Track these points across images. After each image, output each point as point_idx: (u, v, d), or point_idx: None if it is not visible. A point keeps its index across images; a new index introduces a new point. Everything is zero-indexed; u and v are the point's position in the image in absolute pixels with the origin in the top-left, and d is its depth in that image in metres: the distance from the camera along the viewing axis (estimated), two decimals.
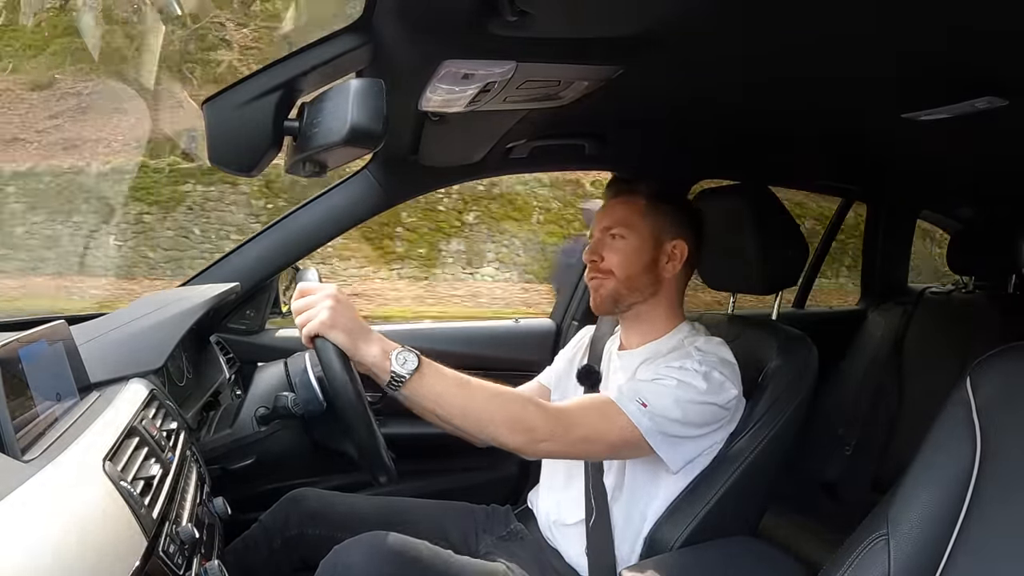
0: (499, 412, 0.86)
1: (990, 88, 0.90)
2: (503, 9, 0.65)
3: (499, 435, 0.86)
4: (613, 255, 1.04)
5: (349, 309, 0.85)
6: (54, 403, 0.73)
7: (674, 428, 0.92)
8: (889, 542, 0.64)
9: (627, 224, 1.05)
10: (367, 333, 0.85)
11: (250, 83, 0.74)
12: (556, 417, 0.89)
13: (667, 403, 0.91)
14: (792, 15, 0.72)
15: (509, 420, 0.86)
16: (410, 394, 0.84)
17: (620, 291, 1.04)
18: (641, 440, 0.91)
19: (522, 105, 0.97)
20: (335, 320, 0.82)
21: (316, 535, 1.07)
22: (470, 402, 0.86)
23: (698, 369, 0.95)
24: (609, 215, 1.07)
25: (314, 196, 1.34)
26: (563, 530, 1.07)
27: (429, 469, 1.44)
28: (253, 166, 0.77)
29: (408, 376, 0.83)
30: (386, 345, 0.85)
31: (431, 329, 1.80)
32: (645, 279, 1.05)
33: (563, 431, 0.89)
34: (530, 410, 0.88)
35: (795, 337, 1.10)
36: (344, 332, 0.83)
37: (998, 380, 0.65)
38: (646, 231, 1.04)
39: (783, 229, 1.21)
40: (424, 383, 0.84)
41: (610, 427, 0.91)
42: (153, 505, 0.67)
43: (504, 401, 0.88)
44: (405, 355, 0.84)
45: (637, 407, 0.91)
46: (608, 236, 1.06)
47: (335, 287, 0.86)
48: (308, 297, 0.85)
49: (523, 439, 0.87)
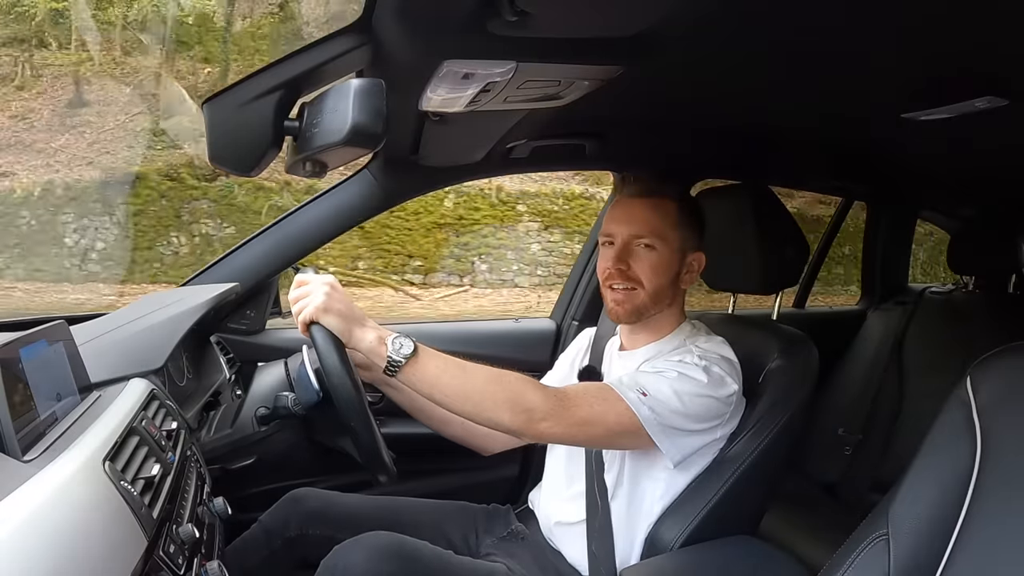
0: (499, 392, 0.86)
1: (990, 88, 0.90)
2: (503, 9, 0.65)
3: (498, 415, 0.86)
4: (644, 266, 1.01)
5: (344, 296, 0.85)
6: (54, 403, 0.73)
7: (673, 419, 0.92)
8: (889, 542, 0.64)
9: (660, 235, 1.01)
10: (362, 319, 0.85)
11: (250, 83, 0.74)
12: (555, 397, 0.88)
13: (667, 393, 0.91)
14: (792, 15, 0.73)
15: (508, 400, 0.86)
16: (407, 379, 0.84)
17: (647, 303, 1.02)
18: (640, 428, 0.90)
19: (522, 105, 0.97)
20: (329, 304, 0.82)
21: (316, 535, 1.06)
22: (468, 384, 0.86)
23: (698, 363, 0.94)
24: (639, 221, 1.01)
25: (314, 196, 1.34)
26: (564, 530, 1.07)
27: (429, 469, 1.44)
28: (253, 166, 0.78)
29: (404, 360, 0.83)
30: (381, 331, 0.85)
31: (431, 329, 1.80)
32: (668, 291, 1.03)
33: (562, 411, 0.88)
34: (529, 390, 0.87)
35: (795, 337, 1.10)
36: (339, 316, 0.83)
37: (998, 380, 0.65)
38: (676, 244, 1.02)
39: (783, 229, 1.21)
40: (420, 367, 0.84)
41: (608, 410, 0.90)
42: (153, 505, 0.67)
43: (503, 382, 0.87)
44: (401, 340, 0.84)
45: (637, 395, 0.90)
46: (638, 245, 1.01)
47: (331, 277, 0.87)
48: (304, 287, 0.86)
49: (522, 419, 0.86)
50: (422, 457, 1.36)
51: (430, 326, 1.90)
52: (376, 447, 0.90)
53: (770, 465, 1.01)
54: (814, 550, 1.34)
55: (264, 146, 0.76)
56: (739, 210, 1.21)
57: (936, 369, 1.80)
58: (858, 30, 0.76)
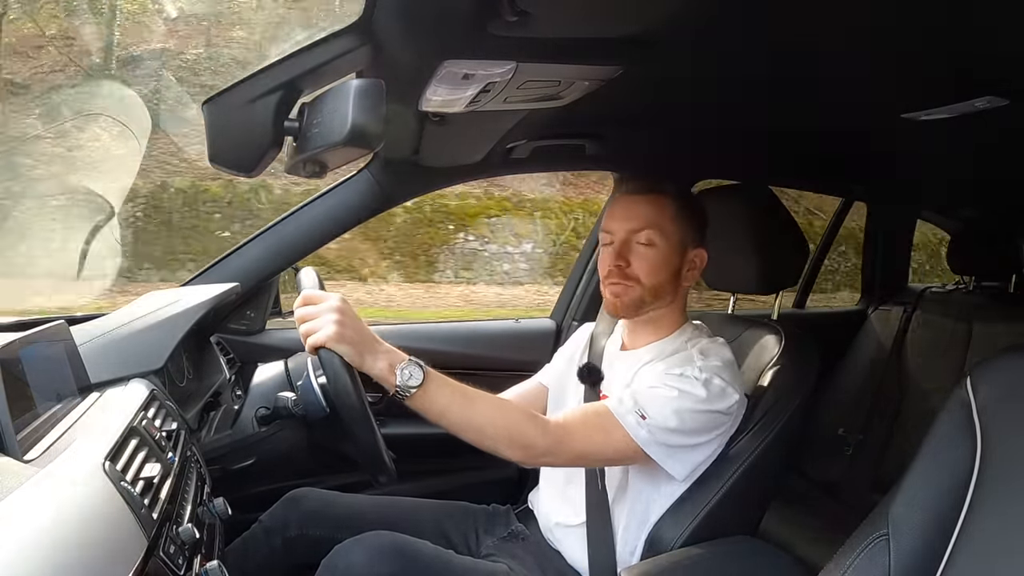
0: (502, 429, 0.88)
1: (990, 88, 0.90)
2: (503, 9, 0.65)
3: (499, 449, 0.88)
4: (642, 263, 1.01)
5: (355, 320, 0.84)
6: (55, 403, 0.73)
7: (672, 438, 0.93)
8: (889, 542, 0.64)
9: (659, 229, 1.01)
10: (373, 345, 0.84)
11: (250, 83, 0.74)
12: (555, 433, 0.90)
13: (666, 414, 0.92)
14: (791, 15, 0.73)
15: (510, 437, 0.88)
16: (414, 406, 0.85)
17: (644, 299, 1.02)
18: (639, 451, 0.92)
19: (522, 105, 0.97)
20: (341, 334, 0.82)
21: (316, 535, 1.06)
22: (473, 418, 0.87)
23: (698, 376, 0.94)
24: (636, 216, 1.01)
25: (314, 196, 1.34)
26: (564, 531, 1.07)
27: (429, 469, 1.44)
28: (253, 166, 0.78)
29: (412, 391, 0.83)
30: (392, 358, 0.84)
31: (432, 329, 1.80)
32: (668, 287, 1.03)
33: (561, 447, 0.90)
34: (531, 427, 0.89)
35: (795, 337, 1.10)
36: (350, 345, 0.83)
37: (998, 380, 0.65)
38: (675, 239, 1.02)
39: (783, 229, 1.21)
40: (429, 399, 0.85)
41: (608, 441, 0.92)
42: (153, 506, 0.67)
43: (507, 418, 0.89)
44: (411, 369, 0.84)
45: (636, 419, 0.91)
46: (636, 241, 1.01)
47: (339, 297, 0.85)
48: (312, 307, 0.84)
49: (522, 454, 0.90)
50: (422, 457, 1.36)
51: (431, 326, 1.90)
52: (377, 449, 0.90)
53: (770, 465, 1.01)
54: (814, 550, 1.34)
55: (264, 146, 0.76)
56: (739, 210, 1.21)
57: (936, 369, 1.81)
58: (858, 30, 0.76)
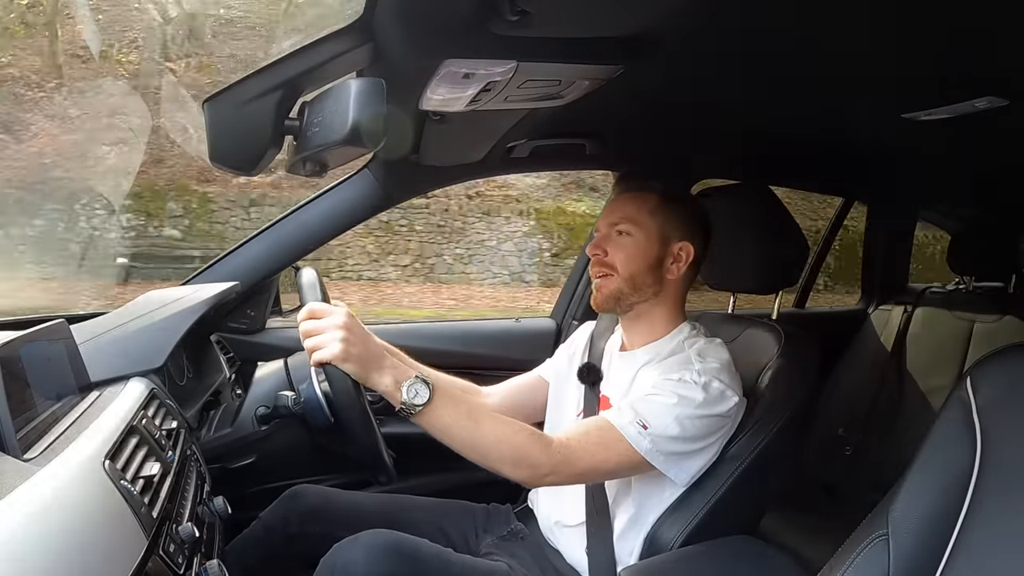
0: (505, 450, 0.88)
1: (990, 88, 0.90)
2: (503, 9, 0.65)
3: (503, 469, 0.88)
4: (618, 251, 1.03)
5: (362, 335, 0.84)
6: (54, 402, 0.73)
7: (674, 446, 0.93)
8: (889, 542, 0.64)
9: (634, 221, 1.03)
10: (379, 361, 0.84)
11: (251, 82, 0.74)
12: (559, 453, 0.90)
13: (667, 422, 0.92)
14: (791, 15, 0.73)
15: (513, 457, 0.88)
16: (419, 423, 0.85)
17: (623, 290, 1.03)
18: (643, 462, 0.92)
19: (523, 105, 0.97)
20: (348, 352, 0.82)
21: (316, 533, 1.06)
22: (477, 438, 0.87)
23: (697, 380, 0.94)
24: (617, 210, 1.05)
25: (314, 196, 1.34)
26: (564, 530, 1.07)
27: (429, 468, 1.43)
28: (253, 165, 0.78)
29: (419, 408, 0.83)
30: (398, 374, 0.84)
31: (432, 328, 1.80)
32: (649, 279, 1.04)
33: (565, 466, 0.90)
34: (534, 448, 0.89)
35: (795, 337, 1.10)
36: (357, 362, 0.83)
37: (998, 380, 0.65)
38: (654, 229, 1.03)
39: (783, 229, 1.21)
40: (434, 416, 0.85)
41: (610, 455, 0.92)
42: (153, 504, 0.67)
43: (511, 439, 0.89)
44: (417, 387, 0.84)
45: (637, 430, 0.91)
46: (614, 232, 1.04)
47: (345, 311, 0.85)
48: (317, 322, 0.84)
49: (526, 474, 0.89)
50: (422, 456, 1.35)
51: (432, 326, 1.90)
52: (377, 449, 0.90)
53: (770, 465, 1.01)
54: (814, 550, 1.34)
55: (264, 145, 0.76)
56: (739, 210, 1.21)
57: (936, 369, 1.80)
58: (858, 30, 0.76)
